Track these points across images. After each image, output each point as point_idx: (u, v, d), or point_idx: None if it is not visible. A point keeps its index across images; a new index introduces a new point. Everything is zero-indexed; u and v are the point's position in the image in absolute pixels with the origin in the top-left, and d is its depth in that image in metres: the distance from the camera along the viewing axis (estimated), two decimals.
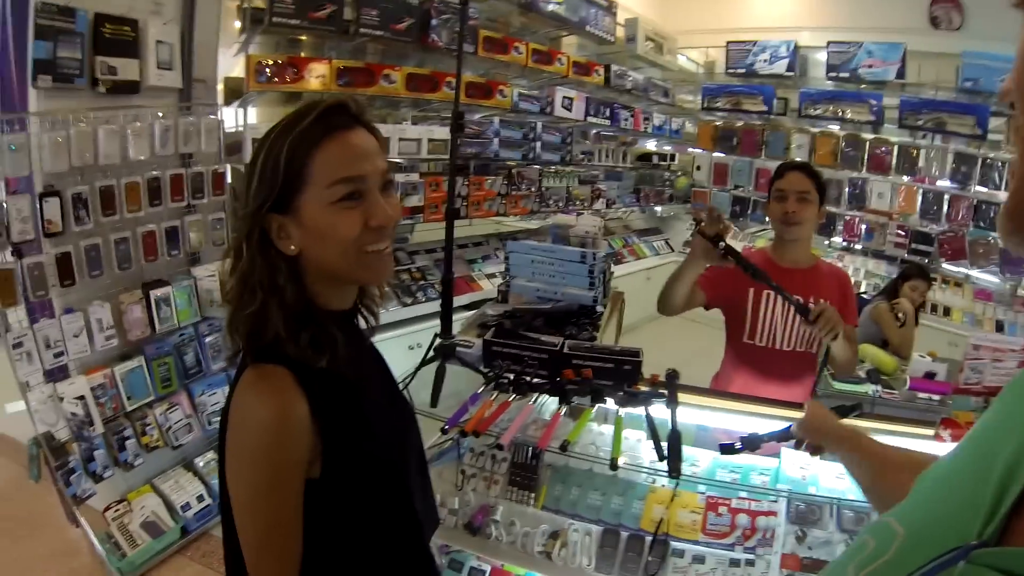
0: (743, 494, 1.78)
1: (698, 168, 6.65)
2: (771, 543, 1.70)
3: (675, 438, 1.59)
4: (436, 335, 2.06)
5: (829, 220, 5.95)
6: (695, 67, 6.63)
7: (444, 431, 1.74)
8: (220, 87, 3.15)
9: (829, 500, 1.73)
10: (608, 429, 1.92)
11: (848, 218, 5.67)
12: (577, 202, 5.44)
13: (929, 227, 5.25)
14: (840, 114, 5.45)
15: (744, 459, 1.87)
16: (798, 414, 1.60)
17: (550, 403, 1.92)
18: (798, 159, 2.64)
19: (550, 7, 4.19)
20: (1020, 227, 0.39)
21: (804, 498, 1.75)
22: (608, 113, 5.22)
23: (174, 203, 2.78)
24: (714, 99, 6.15)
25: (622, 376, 1.84)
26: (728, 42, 5.88)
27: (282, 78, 3.09)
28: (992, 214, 4.95)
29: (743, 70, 5.87)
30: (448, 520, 1.88)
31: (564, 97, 4.69)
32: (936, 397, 3.29)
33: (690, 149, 6.82)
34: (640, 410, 1.70)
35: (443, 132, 3.89)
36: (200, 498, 2.86)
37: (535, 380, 1.83)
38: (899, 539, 0.49)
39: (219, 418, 1.03)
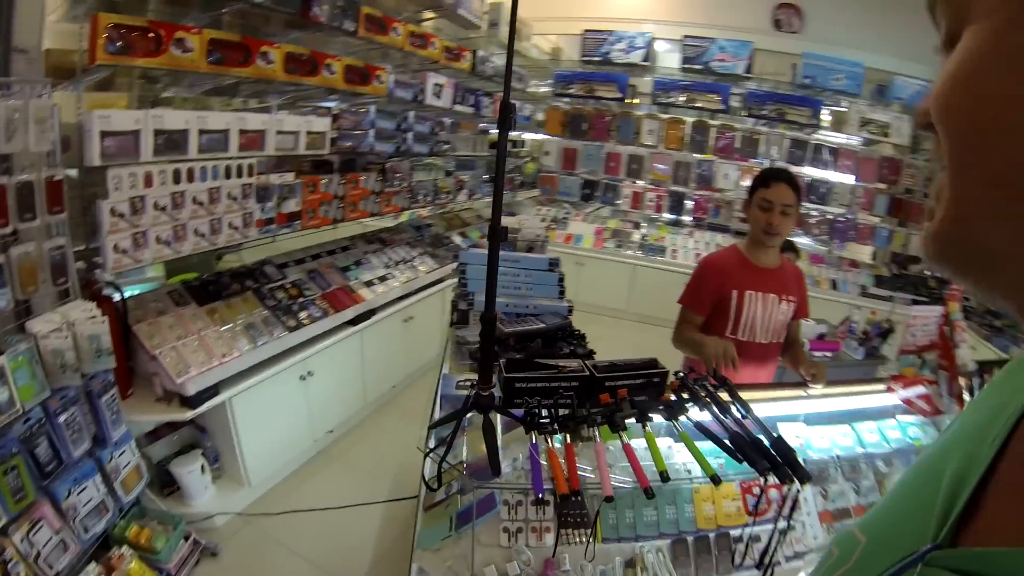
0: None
1: (547, 153, 6.62)
2: (800, 507, 1.80)
3: (781, 442, 1.55)
4: (472, 384, 1.65)
5: (679, 199, 6.30)
6: (543, 55, 6.55)
7: (539, 499, 1.41)
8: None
9: (831, 457, 1.98)
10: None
11: (698, 197, 6.02)
12: (443, 195, 5.10)
13: None
14: (692, 103, 5.73)
15: None
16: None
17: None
18: (781, 166, 2.73)
19: None
20: (946, 255, 0.41)
21: (814, 464, 1.95)
22: (473, 100, 4.91)
23: None
24: (566, 86, 6.13)
25: (653, 389, 1.74)
26: (585, 31, 5.88)
27: (142, 49, 2.35)
28: (822, 191, 5.58)
29: (599, 58, 5.91)
30: None
31: (435, 84, 4.29)
32: (829, 353, 3.66)
33: (538, 135, 6.75)
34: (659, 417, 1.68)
35: (322, 124, 3.32)
36: None
37: (585, 413, 1.62)
38: (860, 547, 0.52)
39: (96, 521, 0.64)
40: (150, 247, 2.57)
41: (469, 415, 1.63)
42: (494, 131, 5.71)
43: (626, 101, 6.21)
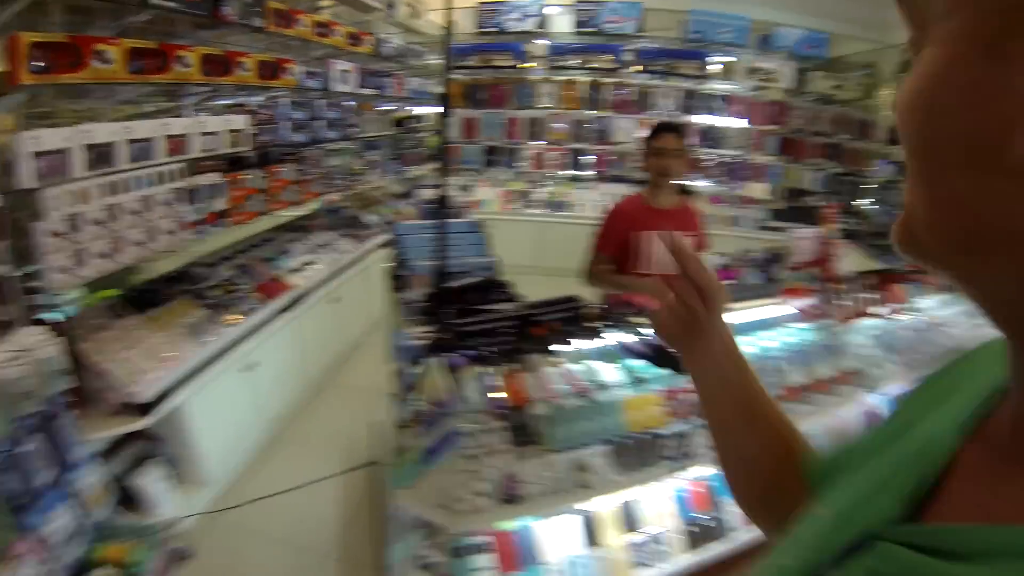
0: (683, 381, 2.12)
1: (449, 126, 6.74)
2: None
3: (658, 348, 2.02)
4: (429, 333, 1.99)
5: (579, 155, 6.73)
6: (438, 29, 6.61)
7: (499, 415, 1.84)
8: None
9: None
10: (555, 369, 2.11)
11: (597, 152, 6.44)
12: (356, 176, 5.17)
13: None
14: (587, 64, 6.07)
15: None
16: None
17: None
18: (668, 120, 3.16)
19: None
20: (911, 250, 0.41)
21: None
22: (376, 82, 4.96)
23: None
24: (463, 58, 6.26)
25: (575, 319, 2.12)
26: (480, 2, 5.98)
27: (62, 66, 2.32)
28: (717, 136, 6.17)
29: (494, 29, 6.07)
30: (486, 504, 1.89)
31: (341, 70, 4.33)
32: (732, 281, 4.16)
33: (439, 109, 6.86)
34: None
35: (241, 121, 3.34)
36: None
37: (523, 345, 1.99)
38: (826, 521, 0.54)
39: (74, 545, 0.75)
40: (91, 263, 2.58)
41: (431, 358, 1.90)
42: (399, 109, 5.79)
43: (520, 67, 6.44)
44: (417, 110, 6.60)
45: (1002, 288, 0.38)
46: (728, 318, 0.87)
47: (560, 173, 7.08)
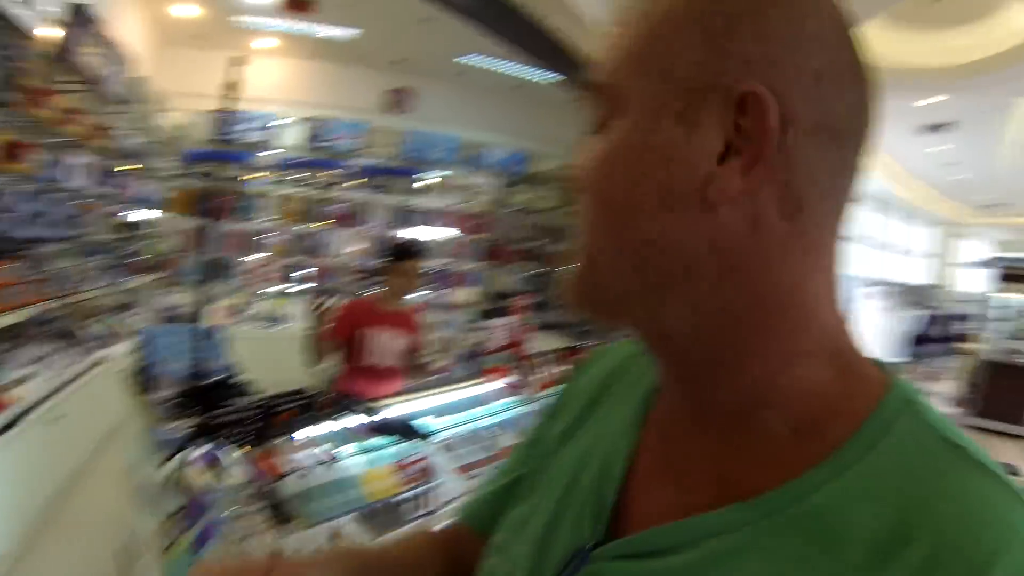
0: (411, 454, 2.55)
1: (172, 235, 6.38)
2: (437, 470, 2.57)
3: (402, 422, 2.52)
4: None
5: (296, 269, 7.07)
6: (175, 131, 6.35)
7: (264, 492, 2.04)
8: None
9: (446, 429, 2.67)
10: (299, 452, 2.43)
11: (313, 265, 6.98)
12: (82, 281, 4.63)
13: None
14: (310, 178, 6.67)
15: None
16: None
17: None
18: (414, 245, 3.47)
19: (81, 59, 3.57)
20: (583, 300, 0.48)
21: (441, 439, 2.63)
22: (112, 181, 4.64)
23: None
24: (192, 165, 6.14)
25: (310, 407, 2.46)
26: (215, 111, 5.93)
27: None
28: (426, 247, 6.98)
29: (225, 137, 6.05)
30: None
31: (78, 164, 4.01)
32: (446, 374, 4.60)
33: (164, 215, 6.48)
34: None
35: None
36: None
37: (269, 430, 2.26)
38: (526, 556, 0.55)
39: None
40: None
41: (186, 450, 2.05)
42: (124, 214, 5.44)
43: (246, 179, 6.54)
44: (144, 215, 6.17)
45: (671, 323, 0.45)
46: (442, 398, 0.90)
47: (276, 287, 7.09)
